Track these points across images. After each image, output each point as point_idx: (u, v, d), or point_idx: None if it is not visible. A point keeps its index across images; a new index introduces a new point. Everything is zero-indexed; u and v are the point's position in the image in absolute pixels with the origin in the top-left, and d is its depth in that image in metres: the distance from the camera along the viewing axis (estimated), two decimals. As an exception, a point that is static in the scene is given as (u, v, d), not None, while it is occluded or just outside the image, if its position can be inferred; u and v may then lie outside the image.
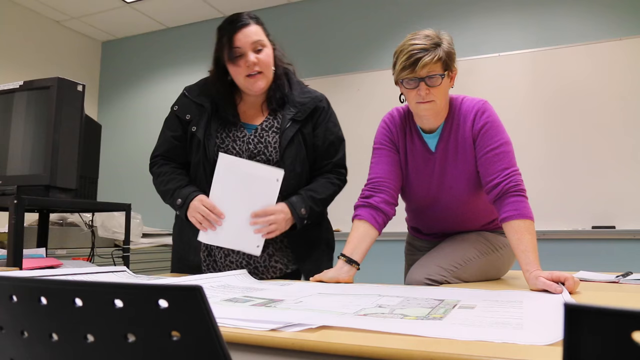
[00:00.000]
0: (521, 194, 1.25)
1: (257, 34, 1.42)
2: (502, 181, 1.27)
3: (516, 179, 1.28)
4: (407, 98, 1.33)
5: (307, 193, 1.45)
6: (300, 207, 1.40)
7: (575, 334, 0.33)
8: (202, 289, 0.43)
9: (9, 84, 1.78)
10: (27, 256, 1.65)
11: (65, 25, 4.48)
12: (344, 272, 1.28)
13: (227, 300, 0.91)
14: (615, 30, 3.09)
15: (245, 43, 1.40)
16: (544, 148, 3.14)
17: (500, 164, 1.29)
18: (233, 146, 1.46)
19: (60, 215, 3.12)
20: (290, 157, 1.44)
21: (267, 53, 1.43)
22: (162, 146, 1.55)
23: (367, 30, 3.76)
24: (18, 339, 0.52)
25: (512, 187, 1.26)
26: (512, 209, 1.23)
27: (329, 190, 1.49)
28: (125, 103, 4.69)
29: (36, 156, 1.69)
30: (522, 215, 1.21)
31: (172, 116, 1.54)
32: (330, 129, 1.53)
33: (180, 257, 1.54)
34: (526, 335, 0.61)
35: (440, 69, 1.26)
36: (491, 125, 1.32)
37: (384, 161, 1.42)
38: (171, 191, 1.45)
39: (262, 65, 1.41)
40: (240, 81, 1.44)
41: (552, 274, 1.06)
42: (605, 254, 2.95)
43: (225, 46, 1.41)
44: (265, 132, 1.47)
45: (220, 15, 4.29)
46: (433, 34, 1.28)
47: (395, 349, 0.57)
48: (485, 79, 3.33)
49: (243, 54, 1.40)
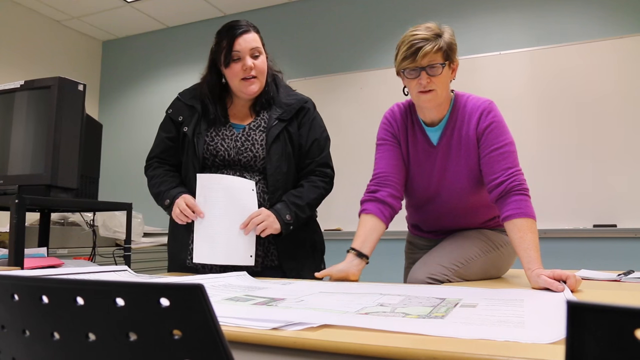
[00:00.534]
0: (524, 193, 1.26)
1: (256, 41, 1.51)
2: (506, 180, 1.27)
3: (519, 178, 1.28)
4: (409, 88, 1.35)
5: (291, 199, 1.48)
6: (285, 214, 1.45)
7: (578, 331, 0.33)
8: (204, 288, 0.43)
9: (9, 83, 1.78)
10: (28, 256, 1.65)
11: (66, 25, 4.48)
12: (353, 266, 1.29)
13: (228, 299, 0.91)
14: (616, 29, 3.08)
15: (245, 48, 1.48)
16: (544, 146, 3.14)
17: (504, 163, 1.30)
18: (222, 144, 1.51)
19: (62, 214, 3.12)
20: (276, 154, 1.50)
21: (262, 60, 1.52)
22: (157, 148, 1.62)
23: (371, 28, 3.75)
24: (20, 338, 0.52)
25: (516, 186, 1.26)
26: (515, 207, 1.23)
27: (313, 194, 1.52)
28: (126, 102, 4.69)
29: (37, 156, 1.69)
30: (525, 214, 1.22)
31: (167, 119, 1.63)
32: (314, 128, 1.58)
33: (175, 257, 1.59)
34: (528, 334, 0.61)
35: (441, 58, 1.28)
36: (497, 125, 1.33)
37: (387, 156, 1.44)
38: (162, 193, 1.52)
39: (258, 70, 1.49)
40: (235, 84, 1.51)
41: (554, 272, 1.06)
42: (607, 252, 2.95)
43: (224, 49, 1.48)
44: (252, 131, 1.53)
45: (220, 14, 4.29)
46: (434, 26, 1.31)
47: (396, 347, 0.57)
48: (486, 77, 3.32)
49: (241, 58, 1.48)
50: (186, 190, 1.50)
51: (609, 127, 3.01)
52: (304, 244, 1.57)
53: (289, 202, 1.48)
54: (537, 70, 3.22)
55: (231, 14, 4.27)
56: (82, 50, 4.68)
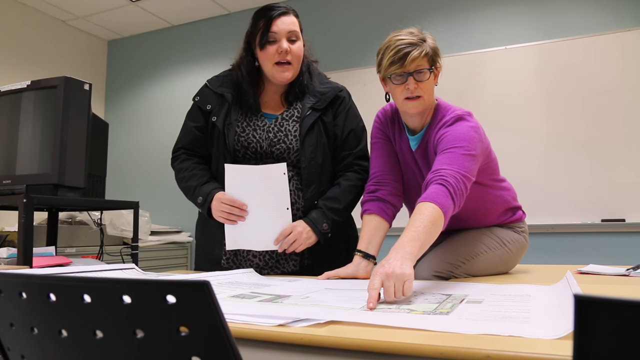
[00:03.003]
0: (439, 182, 1.11)
1: (294, 24, 1.43)
2: (430, 178, 1.15)
3: (445, 173, 1.13)
4: (394, 95, 1.32)
5: (328, 205, 1.42)
6: (321, 223, 1.39)
7: (586, 325, 0.33)
8: (210, 284, 0.43)
9: (16, 83, 1.79)
10: (36, 254, 1.67)
11: (71, 25, 4.50)
12: (361, 268, 1.28)
13: (234, 297, 0.91)
14: (623, 21, 3.05)
15: (282, 30, 1.40)
16: (552, 141, 3.12)
17: (436, 165, 1.18)
18: (254, 135, 1.45)
19: (69, 213, 3.15)
20: (311, 145, 1.43)
21: (299, 46, 1.44)
22: (185, 138, 1.54)
23: (375, 24, 3.74)
24: (28, 335, 0.53)
25: (436, 178, 1.13)
26: (425, 194, 1.11)
27: (351, 195, 1.46)
28: (132, 101, 4.71)
29: (44, 155, 1.70)
30: (427, 198, 1.08)
31: (194, 107, 1.53)
32: (350, 117, 1.52)
33: (205, 253, 1.53)
34: (533, 329, 0.61)
35: (427, 63, 1.27)
36: (451, 132, 1.23)
37: (382, 154, 1.43)
38: (192, 188, 1.46)
39: (293, 55, 1.42)
40: (268, 68, 1.43)
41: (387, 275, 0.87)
42: (615, 247, 2.93)
43: (260, 30, 1.40)
44: (285, 121, 1.46)
45: (225, 12, 4.29)
46: (416, 31, 1.29)
47: (402, 343, 0.57)
48: (492, 72, 3.30)
49: (277, 40, 1.40)
50: (219, 185, 1.44)
51: (616, 120, 2.98)
52: (337, 242, 1.49)
53: (326, 208, 1.41)
54: (543, 64, 3.19)
55: (235, 11, 4.27)
56: (88, 49, 4.70)
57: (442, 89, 1.41)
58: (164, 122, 4.47)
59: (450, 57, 3.18)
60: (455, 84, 3.21)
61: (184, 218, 4.12)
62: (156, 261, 3.74)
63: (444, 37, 1.38)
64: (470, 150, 1.20)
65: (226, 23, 4.32)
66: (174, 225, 4.13)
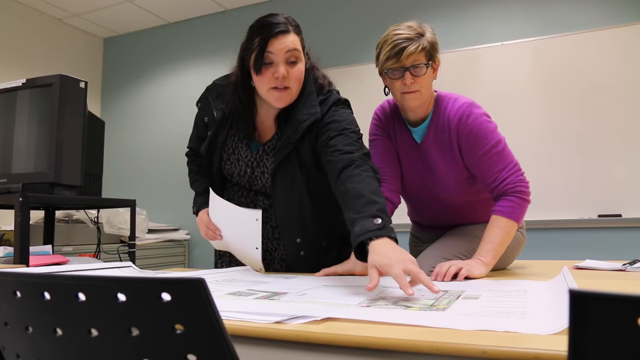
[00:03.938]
0: (516, 195, 1.28)
1: (294, 43, 1.24)
2: (499, 184, 1.29)
3: (513, 179, 1.29)
4: (392, 89, 1.34)
5: (369, 209, 1.05)
6: (391, 234, 1.03)
7: (581, 320, 0.33)
8: (205, 282, 0.43)
9: (11, 82, 1.78)
10: (33, 253, 1.66)
11: (66, 23, 4.48)
12: (358, 265, 1.28)
13: (230, 294, 0.91)
14: (619, 17, 3.05)
15: (280, 51, 1.21)
16: (548, 136, 3.12)
17: (495, 166, 1.31)
18: (236, 165, 1.39)
19: (66, 212, 3.14)
20: (283, 183, 1.31)
21: (299, 68, 1.26)
22: (191, 141, 1.54)
23: (371, 21, 3.73)
24: (23, 334, 0.52)
25: (510, 189, 1.28)
26: (502, 205, 1.28)
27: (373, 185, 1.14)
28: (128, 99, 4.69)
29: (40, 154, 1.70)
30: (503, 212, 1.26)
31: (198, 113, 1.49)
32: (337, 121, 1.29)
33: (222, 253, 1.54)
34: (529, 324, 0.61)
35: (424, 58, 1.27)
36: (478, 130, 1.31)
37: (380, 151, 1.43)
38: (194, 194, 1.52)
39: (291, 80, 1.24)
40: (263, 92, 1.27)
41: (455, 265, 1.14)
42: (612, 242, 2.94)
43: (255, 50, 1.22)
44: (265, 155, 1.35)
45: (221, 9, 4.27)
46: (415, 25, 1.29)
47: (399, 339, 0.57)
48: (489, 68, 3.30)
49: (273, 63, 1.22)
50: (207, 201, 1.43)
51: (612, 116, 2.99)
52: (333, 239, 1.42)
53: (370, 214, 1.04)
54: (540, 60, 3.19)
55: (232, 8, 4.25)
56: (84, 47, 4.68)
57: (438, 85, 1.41)
58: (160, 119, 4.46)
59: (446, 53, 3.17)
60: (452, 80, 3.21)
61: (181, 216, 4.12)
62: (154, 259, 3.74)
63: (441, 33, 1.37)
64: (501, 142, 1.33)
65: (222, 20, 4.31)
66: (171, 223, 4.13)
